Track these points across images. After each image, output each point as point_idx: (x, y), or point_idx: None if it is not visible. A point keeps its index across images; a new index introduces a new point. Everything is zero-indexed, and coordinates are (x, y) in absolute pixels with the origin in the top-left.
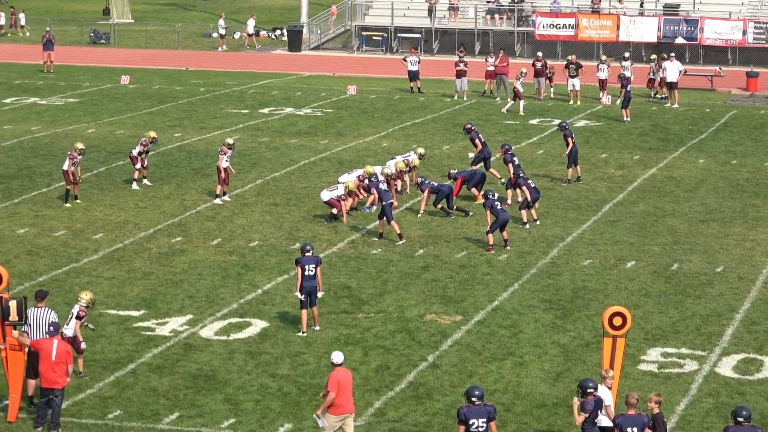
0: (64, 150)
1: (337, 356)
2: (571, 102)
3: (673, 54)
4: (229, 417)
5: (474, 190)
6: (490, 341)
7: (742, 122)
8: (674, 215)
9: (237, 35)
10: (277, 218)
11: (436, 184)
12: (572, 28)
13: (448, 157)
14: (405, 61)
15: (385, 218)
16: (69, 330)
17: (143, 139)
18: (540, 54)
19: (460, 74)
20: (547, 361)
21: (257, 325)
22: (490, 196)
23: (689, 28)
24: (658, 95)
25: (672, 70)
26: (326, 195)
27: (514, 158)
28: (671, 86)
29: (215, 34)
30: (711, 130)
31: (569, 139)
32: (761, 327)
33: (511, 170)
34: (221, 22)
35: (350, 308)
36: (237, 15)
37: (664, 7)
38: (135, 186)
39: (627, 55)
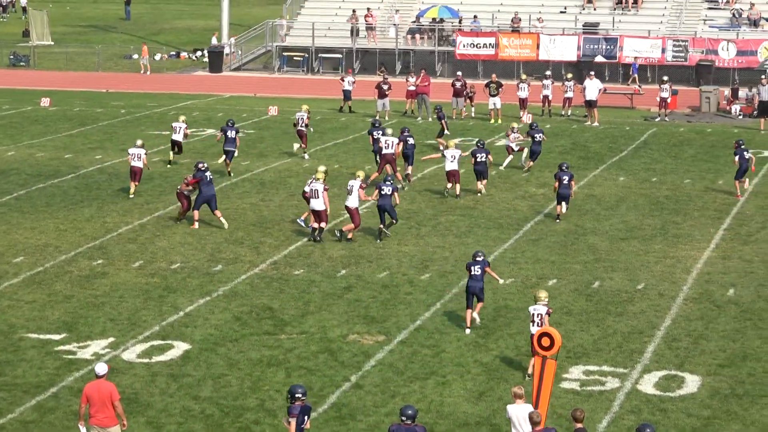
0: None
1: (98, 367)
2: (492, 121)
3: (593, 72)
4: None
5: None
6: (413, 361)
7: (662, 140)
8: (595, 233)
9: (158, 57)
10: (198, 240)
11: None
12: (492, 47)
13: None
14: (342, 80)
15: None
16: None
17: (304, 114)
18: (459, 74)
19: (382, 95)
20: (470, 380)
21: (179, 348)
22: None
23: (608, 47)
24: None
25: (591, 88)
26: (354, 202)
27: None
28: (590, 104)
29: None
30: (631, 148)
31: (536, 136)
32: (682, 344)
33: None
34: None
35: (272, 329)
36: (158, 36)
37: (583, 25)
38: (306, 155)
39: (548, 73)
